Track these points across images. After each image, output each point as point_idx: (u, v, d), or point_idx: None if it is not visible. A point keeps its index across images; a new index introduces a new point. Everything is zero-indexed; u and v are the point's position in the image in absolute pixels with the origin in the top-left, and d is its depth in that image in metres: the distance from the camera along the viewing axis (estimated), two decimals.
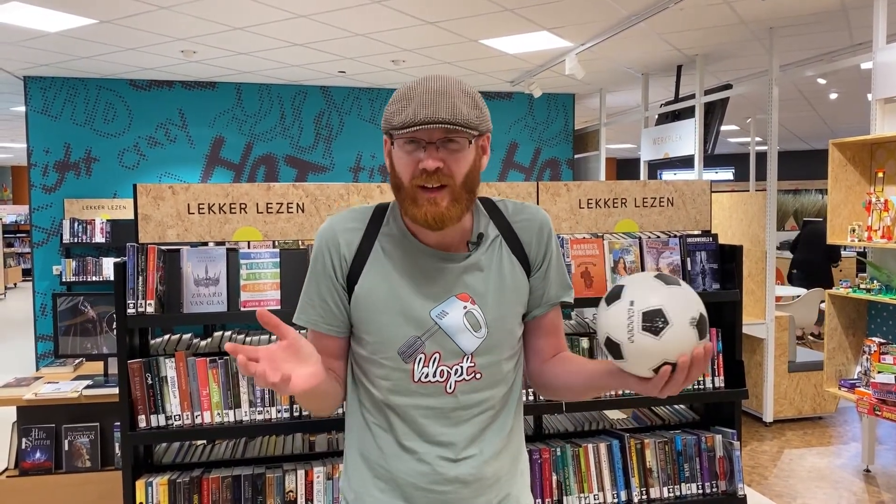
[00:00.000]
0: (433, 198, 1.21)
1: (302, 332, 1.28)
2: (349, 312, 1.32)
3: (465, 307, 1.29)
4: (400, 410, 1.30)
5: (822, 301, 6.51)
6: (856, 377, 4.06)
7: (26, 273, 15.16)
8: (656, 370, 1.12)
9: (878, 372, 3.69)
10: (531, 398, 2.38)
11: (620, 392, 2.46)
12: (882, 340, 3.83)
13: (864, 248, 4.23)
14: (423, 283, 1.29)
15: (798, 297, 7.04)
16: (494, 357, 1.31)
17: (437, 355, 1.28)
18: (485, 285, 1.31)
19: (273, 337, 2.54)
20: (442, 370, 1.28)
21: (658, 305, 1.11)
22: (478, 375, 1.30)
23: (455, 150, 1.21)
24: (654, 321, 1.10)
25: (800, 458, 4.46)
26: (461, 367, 1.29)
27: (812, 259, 8.22)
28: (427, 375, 1.28)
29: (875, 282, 4.01)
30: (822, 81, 7.55)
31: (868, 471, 4.22)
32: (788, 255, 9.82)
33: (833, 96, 8.54)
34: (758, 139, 10.37)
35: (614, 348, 1.14)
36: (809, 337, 7.89)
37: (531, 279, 1.38)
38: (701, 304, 1.14)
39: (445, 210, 1.21)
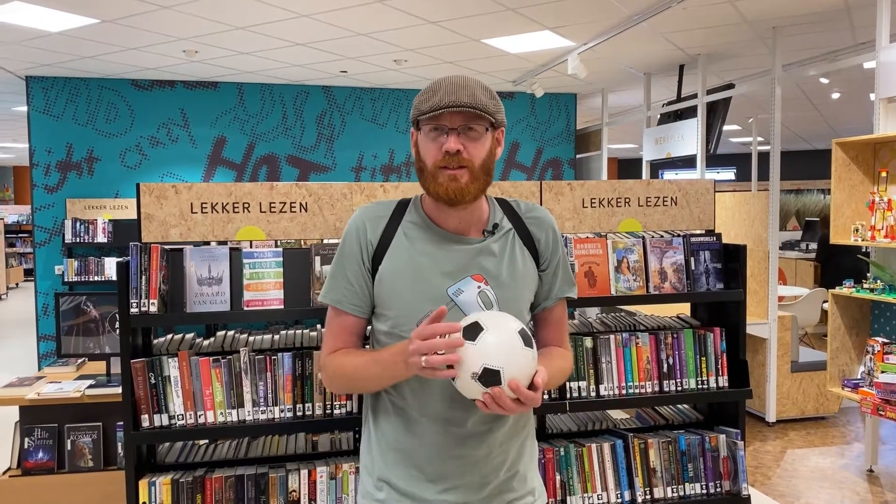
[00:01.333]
0: (454, 175, 1.36)
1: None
2: (371, 294, 1.45)
3: (479, 287, 1.42)
4: (416, 385, 1.41)
5: (825, 301, 6.50)
6: (859, 377, 4.05)
7: (28, 273, 15.16)
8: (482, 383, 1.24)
9: (882, 372, 3.68)
10: None
11: (624, 391, 2.45)
12: (885, 340, 3.82)
13: (868, 247, 4.21)
14: (442, 262, 1.42)
15: (800, 296, 7.02)
16: None
17: None
18: (497, 268, 1.44)
19: (275, 337, 2.54)
20: None
21: (474, 319, 1.27)
22: None
23: (474, 138, 1.37)
24: (472, 332, 1.25)
25: (803, 459, 4.45)
26: None
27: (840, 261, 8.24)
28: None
29: (878, 281, 4.00)
30: (824, 81, 7.54)
31: (871, 471, 4.21)
32: (789, 255, 9.81)
33: (835, 96, 8.52)
34: (760, 139, 10.37)
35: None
36: (811, 336, 7.87)
37: (540, 273, 1.52)
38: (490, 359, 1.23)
39: (465, 186, 1.36)
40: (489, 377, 1.21)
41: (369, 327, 1.54)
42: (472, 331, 1.24)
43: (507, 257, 1.46)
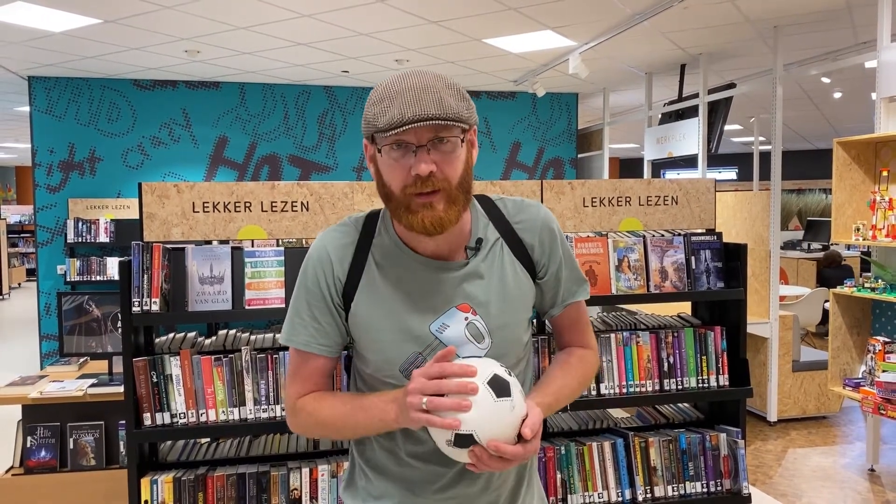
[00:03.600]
0: (429, 202, 1.14)
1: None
2: (344, 329, 1.28)
3: (466, 318, 1.23)
4: (403, 429, 1.23)
5: (826, 300, 6.49)
6: (860, 376, 4.05)
7: (30, 273, 15.19)
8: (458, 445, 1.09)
9: (883, 371, 3.68)
10: None
11: (625, 391, 2.46)
12: (887, 339, 3.82)
13: (869, 247, 4.21)
14: (420, 296, 1.23)
15: (802, 296, 7.02)
16: None
17: None
18: (486, 294, 1.24)
19: (277, 335, 2.55)
20: None
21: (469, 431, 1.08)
22: None
23: (447, 152, 1.14)
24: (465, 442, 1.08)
25: (804, 458, 4.45)
26: None
27: None
28: None
29: (880, 280, 4.00)
30: (826, 80, 7.54)
31: (873, 470, 4.21)
32: (791, 254, 9.81)
33: (837, 95, 8.52)
34: (761, 138, 10.36)
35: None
36: (812, 336, 7.87)
37: (540, 282, 1.33)
38: (491, 370, 1.11)
39: (443, 213, 1.15)
40: (464, 441, 1.06)
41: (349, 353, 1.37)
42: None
43: (495, 278, 1.26)
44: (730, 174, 16.47)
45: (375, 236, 1.27)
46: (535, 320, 2.38)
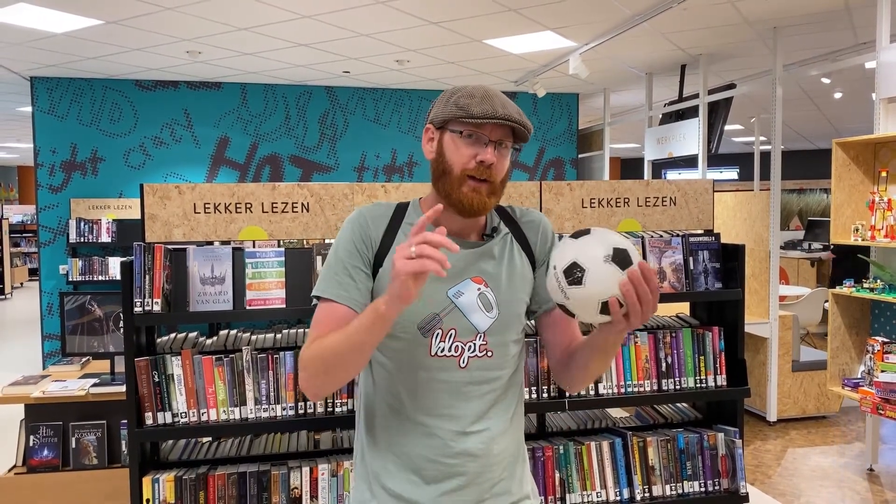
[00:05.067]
0: (479, 187, 1.35)
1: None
2: (370, 293, 1.40)
3: (478, 289, 1.41)
4: (413, 385, 1.39)
5: (826, 300, 6.50)
6: (859, 376, 4.07)
7: (33, 273, 15.22)
8: (604, 311, 1.22)
9: (882, 371, 3.69)
10: (534, 396, 2.39)
11: (623, 391, 2.47)
12: (885, 339, 3.83)
13: (868, 247, 4.23)
14: None
15: (802, 296, 7.03)
16: (504, 337, 1.42)
17: (453, 331, 1.38)
18: (497, 271, 1.43)
19: (277, 336, 2.56)
20: (457, 346, 1.39)
21: (572, 259, 1.22)
22: (489, 353, 1.40)
23: (504, 155, 1.38)
24: (573, 274, 1.22)
25: (803, 458, 4.46)
26: (474, 343, 1.39)
27: None
28: (443, 350, 1.38)
29: (878, 281, 4.01)
30: (826, 81, 7.54)
31: (872, 470, 4.22)
32: (791, 254, 9.81)
33: (837, 96, 8.52)
34: (762, 139, 10.36)
35: (565, 310, 1.27)
36: (812, 336, 7.87)
37: (537, 275, 1.51)
38: (616, 240, 1.23)
39: (486, 199, 1.36)
40: (621, 257, 1.19)
41: None
42: (577, 234, 1.25)
43: (506, 260, 1.46)
44: (731, 174, 16.46)
45: (406, 218, 1.46)
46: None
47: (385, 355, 1.40)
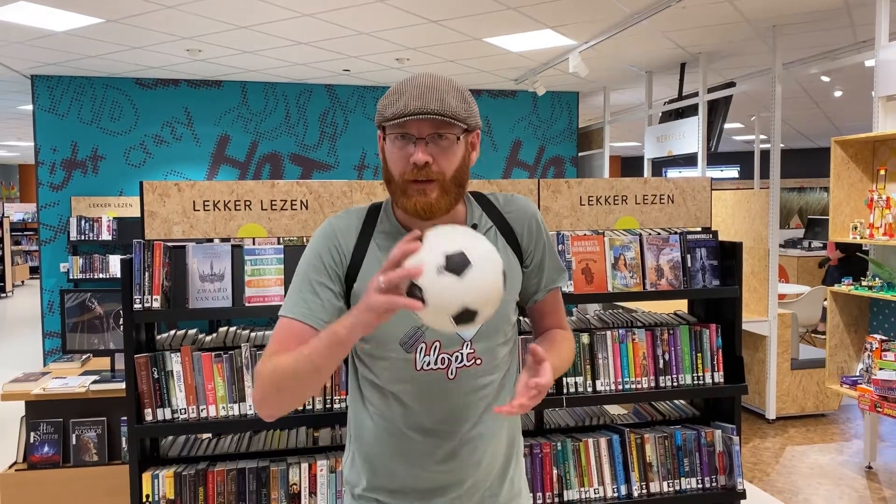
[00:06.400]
0: (423, 189, 1.25)
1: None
2: (338, 311, 1.31)
3: None
4: (402, 397, 1.34)
5: (825, 299, 6.51)
6: (858, 374, 4.08)
7: (33, 270, 15.24)
8: (462, 321, 1.10)
9: (880, 369, 3.70)
10: None
11: (620, 387, 2.48)
12: (884, 337, 3.84)
13: (866, 245, 4.23)
14: None
15: (801, 294, 7.04)
16: (492, 342, 1.36)
17: (437, 343, 1.32)
18: None
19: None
20: (443, 357, 1.33)
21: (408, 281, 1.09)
22: (478, 361, 1.35)
23: (445, 147, 1.25)
24: (413, 294, 1.08)
25: (802, 455, 4.47)
26: (461, 353, 1.34)
27: None
28: (429, 363, 1.32)
29: (877, 279, 4.02)
30: (825, 79, 7.54)
31: (870, 467, 4.23)
32: (791, 253, 9.82)
33: (837, 94, 8.52)
34: (762, 137, 10.36)
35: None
36: (812, 335, 7.88)
37: (526, 270, 1.44)
38: (449, 243, 1.10)
39: (434, 201, 1.26)
40: (455, 264, 1.07)
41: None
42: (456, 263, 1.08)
43: None
44: (732, 172, 16.46)
45: (378, 223, 1.37)
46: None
47: (373, 371, 1.37)
